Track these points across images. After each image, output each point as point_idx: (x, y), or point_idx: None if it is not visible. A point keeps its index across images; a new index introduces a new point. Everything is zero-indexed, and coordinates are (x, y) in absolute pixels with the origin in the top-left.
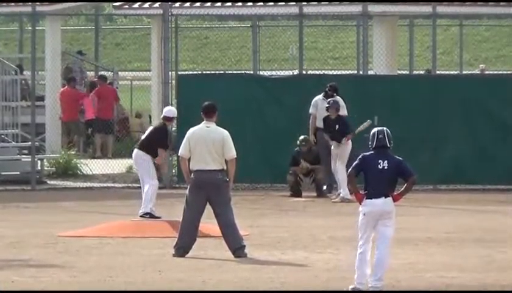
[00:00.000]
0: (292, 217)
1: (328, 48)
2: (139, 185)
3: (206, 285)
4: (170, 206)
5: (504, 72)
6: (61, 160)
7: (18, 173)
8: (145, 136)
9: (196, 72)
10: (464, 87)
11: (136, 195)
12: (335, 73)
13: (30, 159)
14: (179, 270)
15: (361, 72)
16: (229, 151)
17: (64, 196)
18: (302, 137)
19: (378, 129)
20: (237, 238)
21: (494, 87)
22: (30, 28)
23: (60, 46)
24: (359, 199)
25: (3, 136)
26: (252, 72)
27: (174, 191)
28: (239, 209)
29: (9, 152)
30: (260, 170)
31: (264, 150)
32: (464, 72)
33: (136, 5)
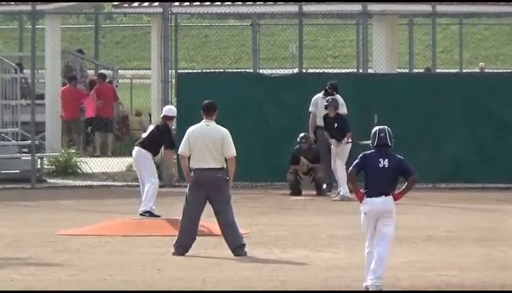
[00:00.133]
0: (292, 216)
1: (328, 47)
2: (138, 183)
3: (206, 284)
4: (170, 205)
5: (504, 70)
6: (61, 158)
7: (18, 172)
8: (147, 134)
9: (196, 70)
10: (464, 86)
11: (135, 194)
12: (335, 72)
13: (30, 158)
14: (179, 269)
15: (361, 70)
16: (229, 150)
17: (64, 194)
18: (302, 134)
19: (379, 128)
20: (237, 236)
21: (494, 86)
22: (30, 26)
23: (60, 45)
24: (359, 198)
25: (3, 134)
26: (252, 70)
27: (174, 189)
28: (239, 208)
29: (9, 150)
30: (260, 169)
31: (264, 148)
32: (464, 70)
33: (135, 4)
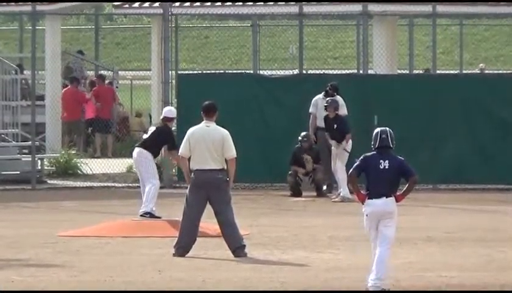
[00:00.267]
0: (292, 217)
1: (328, 48)
2: (139, 184)
3: (206, 284)
4: (170, 206)
5: (504, 71)
6: (61, 159)
7: (18, 173)
8: (148, 136)
9: (196, 71)
10: (464, 87)
11: (136, 195)
12: (335, 73)
13: (30, 159)
14: (179, 270)
15: (361, 71)
16: (229, 151)
17: (64, 195)
18: (304, 133)
19: (381, 129)
20: (237, 237)
21: (494, 86)
22: (30, 27)
23: (60, 46)
24: (361, 199)
25: (3, 135)
26: (252, 71)
27: (174, 190)
28: (239, 209)
29: (9, 151)
30: (260, 169)
31: (264, 149)
32: (464, 71)
33: (136, 5)
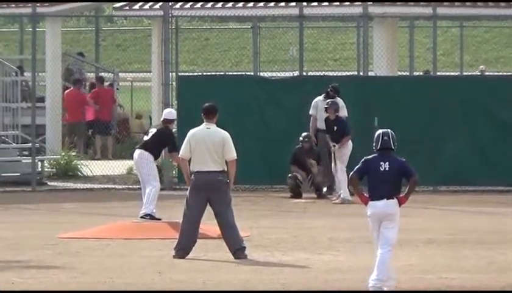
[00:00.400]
0: (292, 218)
1: (328, 49)
2: (139, 186)
3: (206, 286)
4: (170, 208)
5: (504, 73)
6: (61, 161)
7: (18, 174)
8: (149, 137)
9: (196, 73)
10: (464, 88)
11: (136, 196)
12: (335, 74)
13: (31, 160)
14: (179, 272)
15: (362, 73)
16: (229, 152)
17: (64, 197)
18: (305, 134)
19: (382, 131)
20: (237, 239)
21: (494, 88)
22: (31, 29)
23: (60, 48)
24: (364, 201)
25: (3, 137)
26: (253, 73)
27: (174, 192)
28: (239, 210)
29: (9, 153)
30: (260, 171)
31: (264, 151)
32: (464, 73)
33: (136, 7)
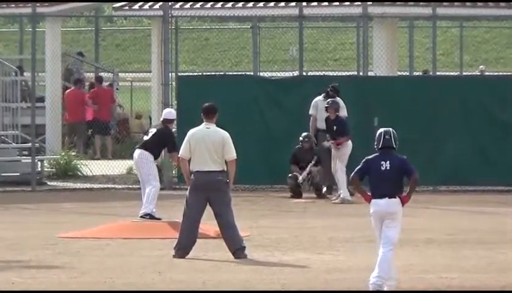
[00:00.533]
0: (292, 218)
1: (328, 49)
2: (139, 186)
3: (206, 286)
4: (170, 207)
5: (504, 73)
6: (61, 161)
7: (18, 174)
8: (149, 137)
9: (196, 73)
10: (464, 88)
11: (136, 196)
12: (335, 74)
13: (30, 160)
14: (179, 271)
15: (361, 73)
16: (229, 152)
17: (64, 197)
18: (305, 134)
19: (384, 130)
20: (237, 239)
21: (494, 88)
22: (30, 29)
23: (60, 48)
24: (367, 200)
25: (3, 137)
26: (252, 73)
27: (174, 192)
28: (239, 210)
29: (9, 153)
30: (260, 171)
31: (264, 151)
32: (464, 73)
33: (136, 7)
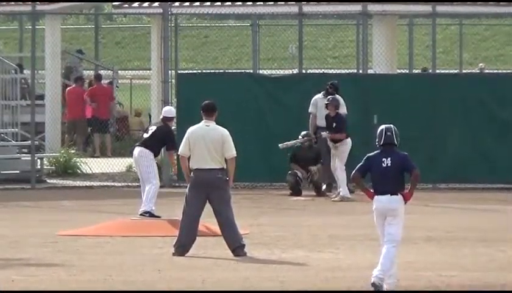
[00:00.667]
0: (292, 216)
1: (328, 47)
2: (138, 184)
3: (205, 284)
4: (170, 205)
5: (504, 71)
6: (61, 159)
7: (18, 172)
8: (149, 135)
9: (196, 71)
10: (464, 86)
11: (135, 194)
12: (335, 72)
13: (30, 158)
14: (179, 269)
15: (361, 71)
16: (229, 150)
17: (63, 195)
18: (304, 132)
19: (386, 126)
20: (237, 237)
21: (494, 86)
22: (30, 27)
23: (60, 45)
24: (370, 197)
25: (3, 135)
26: (252, 71)
27: (174, 190)
28: (239, 208)
29: (9, 151)
30: (260, 169)
31: (263, 149)
32: (464, 71)
33: (135, 4)
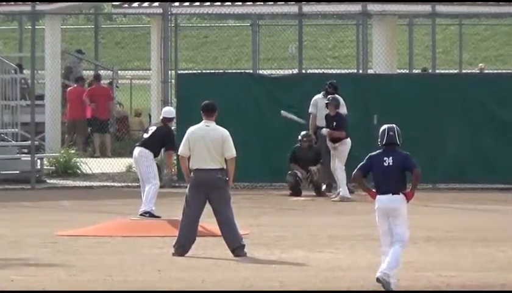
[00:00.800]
0: (291, 216)
1: (327, 47)
2: (138, 184)
3: (205, 284)
4: (169, 205)
5: (503, 71)
6: (60, 159)
7: (18, 172)
8: (149, 135)
9: (196, 71)
10: (464, 86)
11: (135, 194)
12: (335, 72)
13: (30, 158)
14: (179, 269)
15: (361, 71)
16: (228, 150)
17: (63, 195)
18: (304, 132)
19: (388, 126)
20: (236, 237)
21: (494, 86)
22: (30, 27)
23: (60, 45)
24: (372, 196)
25: (3, 135)
26: (252, 71)
27: (174, 190)
28: (238, 208)
29: (9, 151)
30: (260, 169)
31: (263, 149)
32: (464, 71)
33: (135, 4)
